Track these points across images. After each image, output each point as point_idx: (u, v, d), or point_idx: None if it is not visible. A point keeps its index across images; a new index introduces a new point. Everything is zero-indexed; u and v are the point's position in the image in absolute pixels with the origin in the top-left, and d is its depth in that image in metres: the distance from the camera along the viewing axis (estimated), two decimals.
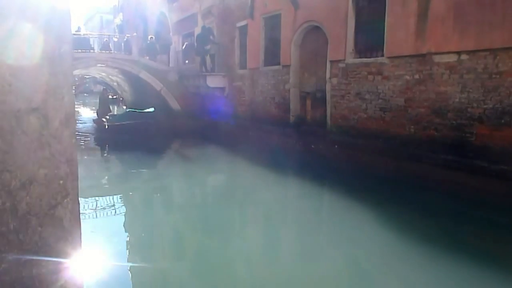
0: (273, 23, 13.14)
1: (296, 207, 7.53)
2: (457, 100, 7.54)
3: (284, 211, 7.09)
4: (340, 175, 8.78)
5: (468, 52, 7.31)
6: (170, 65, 18.87)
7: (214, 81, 15.98)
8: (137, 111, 15.68)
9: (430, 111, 8.03)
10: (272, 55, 13.28)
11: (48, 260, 1.41)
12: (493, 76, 6.93)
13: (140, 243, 5.63)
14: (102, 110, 17.89)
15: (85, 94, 46.41)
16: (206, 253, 5.23)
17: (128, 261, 5.04)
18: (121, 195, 8.40)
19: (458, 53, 7.46)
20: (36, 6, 1.35)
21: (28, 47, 1.33)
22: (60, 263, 1.45)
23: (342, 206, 7.11)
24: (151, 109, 15.96)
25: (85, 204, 7.17)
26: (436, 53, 7.86)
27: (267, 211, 6.84)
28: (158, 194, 8.40)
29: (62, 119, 1.44)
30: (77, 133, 15.69)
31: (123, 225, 6.59)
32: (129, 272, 4.80)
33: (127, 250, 5.39)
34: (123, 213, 7.28)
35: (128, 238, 5.95)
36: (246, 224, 6.49)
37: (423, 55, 8.08)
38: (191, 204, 7.56)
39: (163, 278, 4.61)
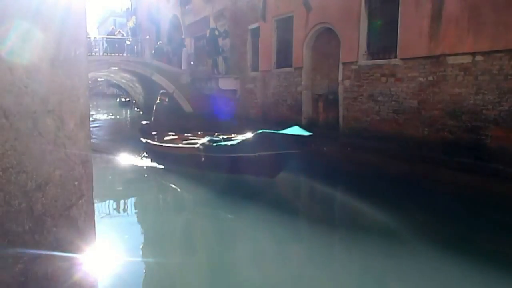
0: (285, 25, 13.13)
1: (305, 210, 7.46)
2: (471, 102, 7.45)
3: (293, 214, 6.97)
4: (352, 177, 8.70)
5: (483, 53, 7.21)
6: (183, 67, 18.98)
7: (226, 83, 16.04)
8: (278, 133, 7.35)
9: (444, 113, 7.94)
10: (284, 57, 13.27)
11: (62, 261, 1.42)
12: (509, 77, 6.83)
13: (154, 247, 5.63)
14: (158, 123, 11.40)
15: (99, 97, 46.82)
16: (217, 257, 5.21)
17: (141, 264, 5.06)
18: (137, 198, 8.40)
19: (473, 54, 7.37)
20: (51, 9, 1.37)
21: (44, 49, 1.35)
22: (74, 263, 1.46)
23: (355, 210, 7.05)
24: (299, 130, 7.70)
25: (100, 206, 7.21)
26: (450, 55, 7.77)
27: (275, 213, 6.72)
28: (174, 199, 8.32)
29: (77, 121, 1.45)
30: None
31: (138, 228, 6.60)
32: (142, 274, 4.82)
33: (141, 253, 5.41)
34: (139, 217, 7.29)
35: (143, 241, 5.96)
36: (255, 225, 6.42)
37: (437, 57, 8.00)
38: (205, 207, 7.49)
39: (176, 281, 4.62)
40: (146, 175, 10.08)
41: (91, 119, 1.71)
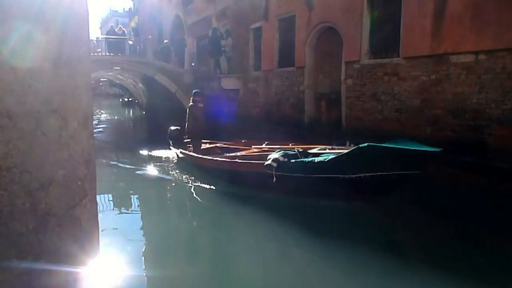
0: (287, 24, 13.12)
1: (304, 212, 7.24)
2: (474, 100, 7.42)
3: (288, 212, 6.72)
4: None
5: (486, 52, 7.19)
6: (185, 67, 19.00)
7: (228, 83, 16.03)
8: (392, 147, 5.65)
9: (447, 112, 7.92)
10: (286, 56, 13.25)
11: (66, 260, 1.43)
12: None
13: (158, 246, 5.58)
14: (194, 130, 9.38)
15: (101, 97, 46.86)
16: (226, 265, 5.07)
17: (145, 264, 5.05)
18: (141, 197, 8.33)
19: (476, 53, 7.34)
20: (54, 9, 1.37)
21: (46, 49, 1.35)
22: (78, 262, 1.47)
23: (356, 209, 6.94)
24: (412, 143, 6.07)
25: (103, 205, 7.22)
26: (453, 53, 7.74)
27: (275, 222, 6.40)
28: (179, 200, 8.08)
29: (80, 121, 1.45)
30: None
31: (142, 227, 6.58)
32: (145, 274, 4.81)
33: (144, 252, 5.40)
34: (142, 216, 7.25)
35: (146, 240, 5.94)
36: (261, 229, 6.04)
37: (440, 56, 7.98)
38: (211, 212, 7.25)
39: (180, 286, 4.58)
40: (185, 195, 8.08)
41: (94, 121, 1.71)
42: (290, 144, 8.25)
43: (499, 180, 6.71)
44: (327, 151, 7.04)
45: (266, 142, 8.96)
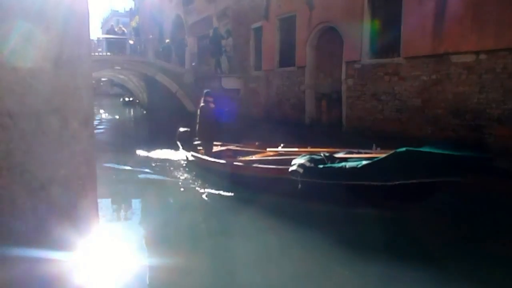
0: (288, 24, 13.13)
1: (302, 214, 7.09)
2: (475, 100, 7.42)
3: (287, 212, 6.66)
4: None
5: (486, 52, 7.19)
6: (186, 67, 19.01)
7: (229, 83, 16.04)
8: (433, 152, 5.22)
9: (447, 112, 7.92)
10: (287, 56, 13.26)
11: (67, 259, 1.43)
12: None
13: (161, 248, 5.54)
14: (206, 131, 8.77)
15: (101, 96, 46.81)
16: (228, 259, 5.07)
17: (147, 265, 5.05)
18: (143, 199, 8.27)
19: (476, 53, 7.35)
20: (54, 9, 1.37)
21: (47, 49, 1.35)
22: (78, 262, 1.47)
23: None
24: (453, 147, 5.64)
25: (104, 205, 7.19)
26: (453, 53, 7.75)
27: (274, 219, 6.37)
28: (187, 204, 7.89)
29: (81, 120, 1.45)
30: None
31: (144, 228, 6.56)
32: (146, 272, 4.82)
33: (146, 253, 5.40)
34: (145, 217, 7.20)
35: (149, 241, 5.93)
36: (282, 238, 5.67)
37: (440, 55, 7.98)
38: (223, 218, 6.99)
39: (180, 281, 4.58)
40: (194, 199, 7.53)
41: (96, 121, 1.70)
42: (308, 147, 7.76)
43: (500, 180, 6.70)
44: (355, 155, 6.58)
45: (282, 145, 8.46)
